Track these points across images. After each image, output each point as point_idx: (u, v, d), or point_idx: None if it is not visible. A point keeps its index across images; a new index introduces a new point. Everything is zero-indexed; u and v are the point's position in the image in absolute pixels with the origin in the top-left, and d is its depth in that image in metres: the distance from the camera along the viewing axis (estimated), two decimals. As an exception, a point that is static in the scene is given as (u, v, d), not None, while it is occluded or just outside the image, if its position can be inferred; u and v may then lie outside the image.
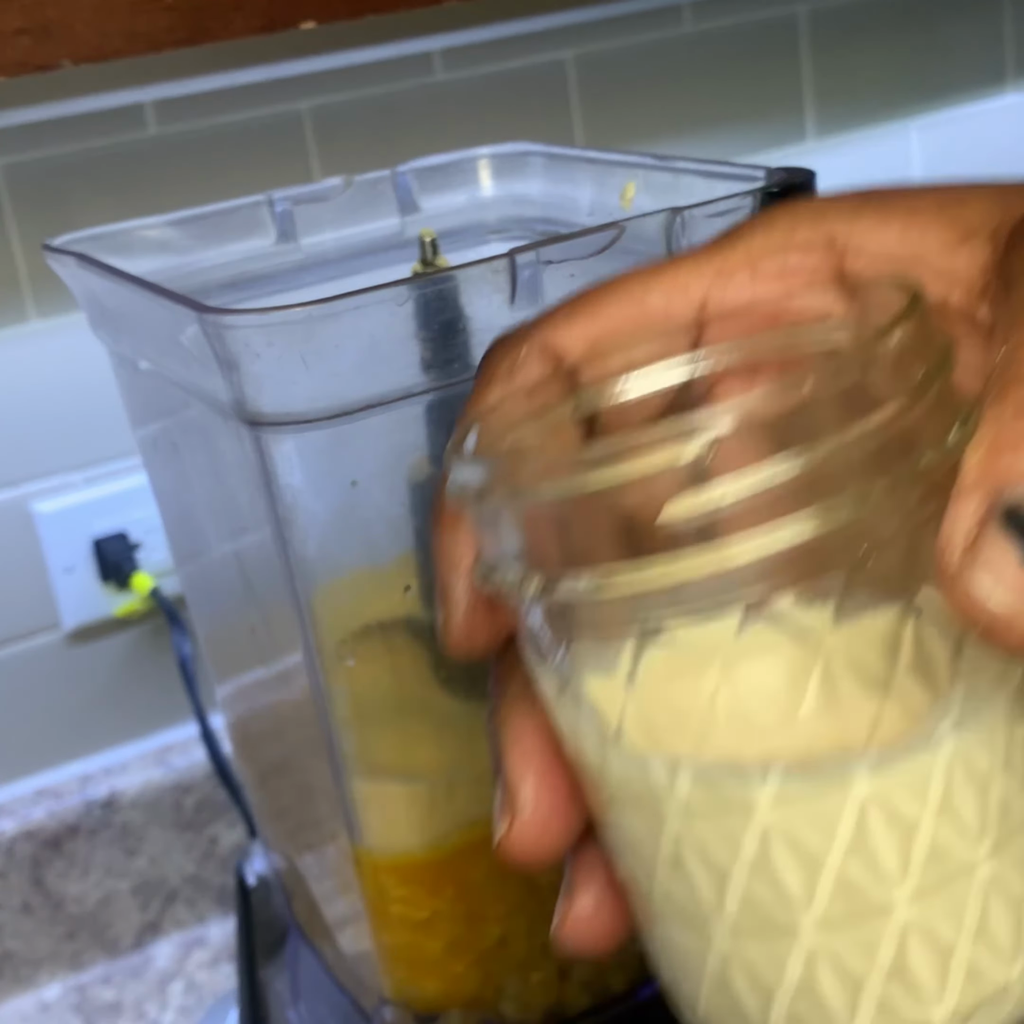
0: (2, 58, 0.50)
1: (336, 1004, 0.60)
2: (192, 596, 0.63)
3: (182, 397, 0.51)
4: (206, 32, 0.52)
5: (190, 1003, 0.93)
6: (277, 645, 0.53)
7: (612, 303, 0.36)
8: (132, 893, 0.97)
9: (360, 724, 0.50)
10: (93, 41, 0.51)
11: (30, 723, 0.96)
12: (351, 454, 0.46)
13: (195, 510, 0.56)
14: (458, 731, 0.51)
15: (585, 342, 0.35)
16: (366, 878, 0.53)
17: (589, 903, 0.37)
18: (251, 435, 0.46)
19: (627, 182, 0.58)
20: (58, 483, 0.93)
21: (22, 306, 0.90)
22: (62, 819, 0.94)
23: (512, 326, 0.36)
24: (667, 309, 0.35)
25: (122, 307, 0.52)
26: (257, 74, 0.76)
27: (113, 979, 0.96)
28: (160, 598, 0.93)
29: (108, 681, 0.98)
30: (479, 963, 0.54)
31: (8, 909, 0.94)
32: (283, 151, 0.94)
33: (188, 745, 0.99)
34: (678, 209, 0.48)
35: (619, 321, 0.36)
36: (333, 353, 0.44)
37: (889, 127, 1.14)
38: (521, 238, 0.64)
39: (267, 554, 0.49)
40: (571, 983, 0.56)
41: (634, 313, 0.36)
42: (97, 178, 0.89)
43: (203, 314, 0.43)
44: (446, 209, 0.63)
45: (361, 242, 0.62)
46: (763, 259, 0.36)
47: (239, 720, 0.62)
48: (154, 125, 0.90)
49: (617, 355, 0.35)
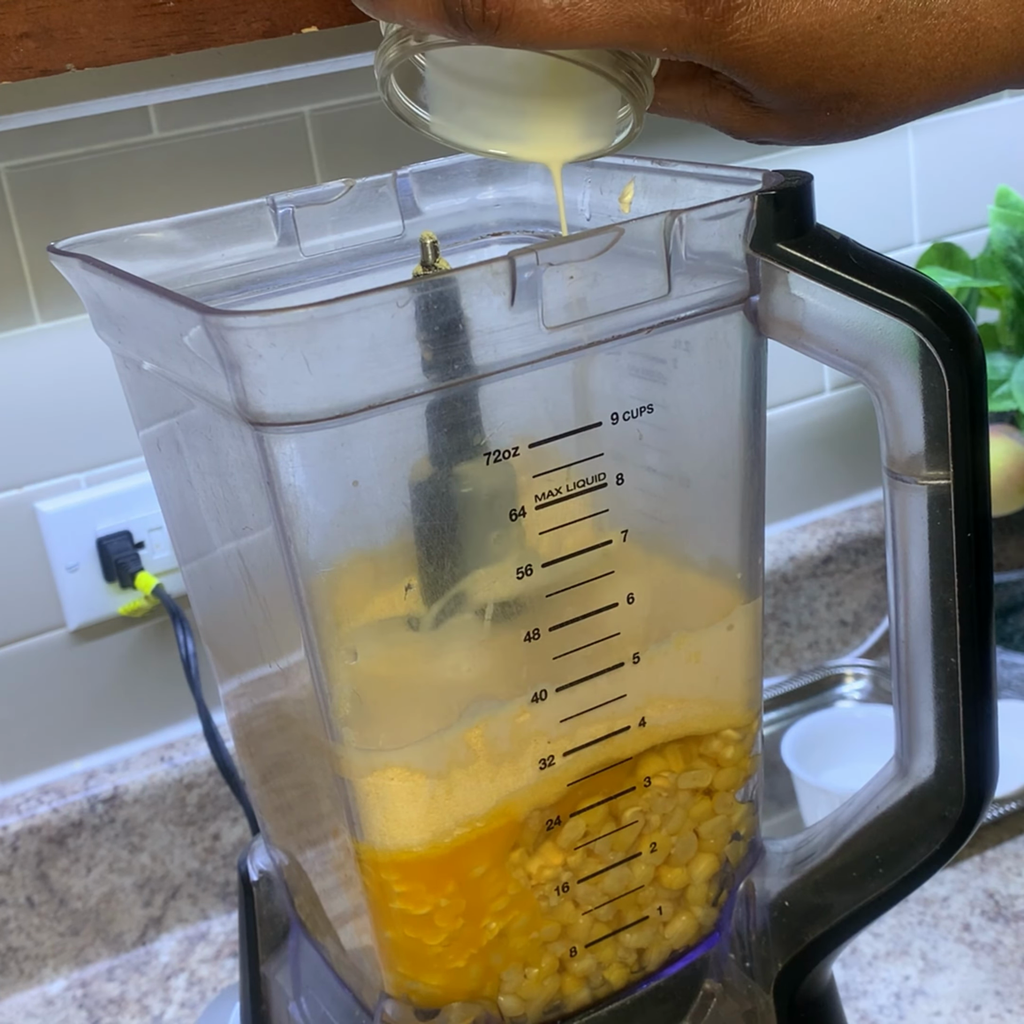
0: (6, 62, 0.50)
1: (337, 998, 0.61)
2: (195, 594, 0.63)
3: (185, 398, 0.52)
4: (208, 36, 0.52)
5: (193, 998, 0.93)
6: (279, 643, 0.54)
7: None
8: (135, 889, 0.98)
9: (361, 721, 0.51)
10: (97, 45, 0.51)
11: (34, 720, 0.97)
12: (352, 454, 0.47)
13: (198, 510, 0.56)
14: (459, 727, 0.52)
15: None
16: (367, 874, 0.53)
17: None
18: (253, 435, 0.46)
19: (626, 184, 0.58)
20: (62, 483, 0.94)
21: (27, 308, 0.90)
22: (66, 815, 0.95)
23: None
24: None
25: (126, 309, 0.52)
26: (259, 78, 0.76)
27: (116, 974, 0.96)
28: (163, 596, 0.94)
29: (111, 679, 0.98)
30: (479, 958, 0.55)
31: (12, 904, 0.94)
32: (285, 154, 0.94)
33: (191, 742, 0.99)
34: (676, 212, 0.48)
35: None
36: (335, 354, 0.44)
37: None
38: (521, 240, 0.64)
39: (269, 553, 0.49)
40: (570, 977, 0.57)
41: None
42: (101, 181, 0.90)
43: (206, 315, 0.44)
44: (447, 212, 0.64)
45: (362, 244, 0.62)
46: None
47: (241, 717, 0.63)
48: (157, 128, 0.91)
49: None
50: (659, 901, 0.58)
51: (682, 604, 0.56)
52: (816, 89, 0.45)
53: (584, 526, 0.52)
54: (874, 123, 0.46)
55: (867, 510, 1.21)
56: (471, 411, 0.48)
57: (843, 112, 0.46)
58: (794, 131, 0.48)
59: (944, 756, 0.54)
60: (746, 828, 0.59)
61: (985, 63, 0.45)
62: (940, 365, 0.49)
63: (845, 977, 0.87)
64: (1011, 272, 1.08)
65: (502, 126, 0.49)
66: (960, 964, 0.87)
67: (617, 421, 0.51)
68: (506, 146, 0.50)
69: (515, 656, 0.52)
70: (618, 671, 0.54)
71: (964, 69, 0.45)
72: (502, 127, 0.49)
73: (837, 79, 0.44)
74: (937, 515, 0.51)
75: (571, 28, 0.42)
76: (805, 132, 0.47)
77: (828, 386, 1.18)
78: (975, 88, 0.46)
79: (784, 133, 0.48)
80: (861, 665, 1.15)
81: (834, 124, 0.46)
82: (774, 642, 1.16)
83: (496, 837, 0.53)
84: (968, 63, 0.45)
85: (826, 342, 0.51)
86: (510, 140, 0.50)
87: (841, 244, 0.50)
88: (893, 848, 0.57)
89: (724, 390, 0.53)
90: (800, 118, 0.47)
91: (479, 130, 0.49)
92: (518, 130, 0.49)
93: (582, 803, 0.55)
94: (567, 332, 0.48)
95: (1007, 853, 0.95)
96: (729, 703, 0.57)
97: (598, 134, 0.50)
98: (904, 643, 0.54)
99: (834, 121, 0.46)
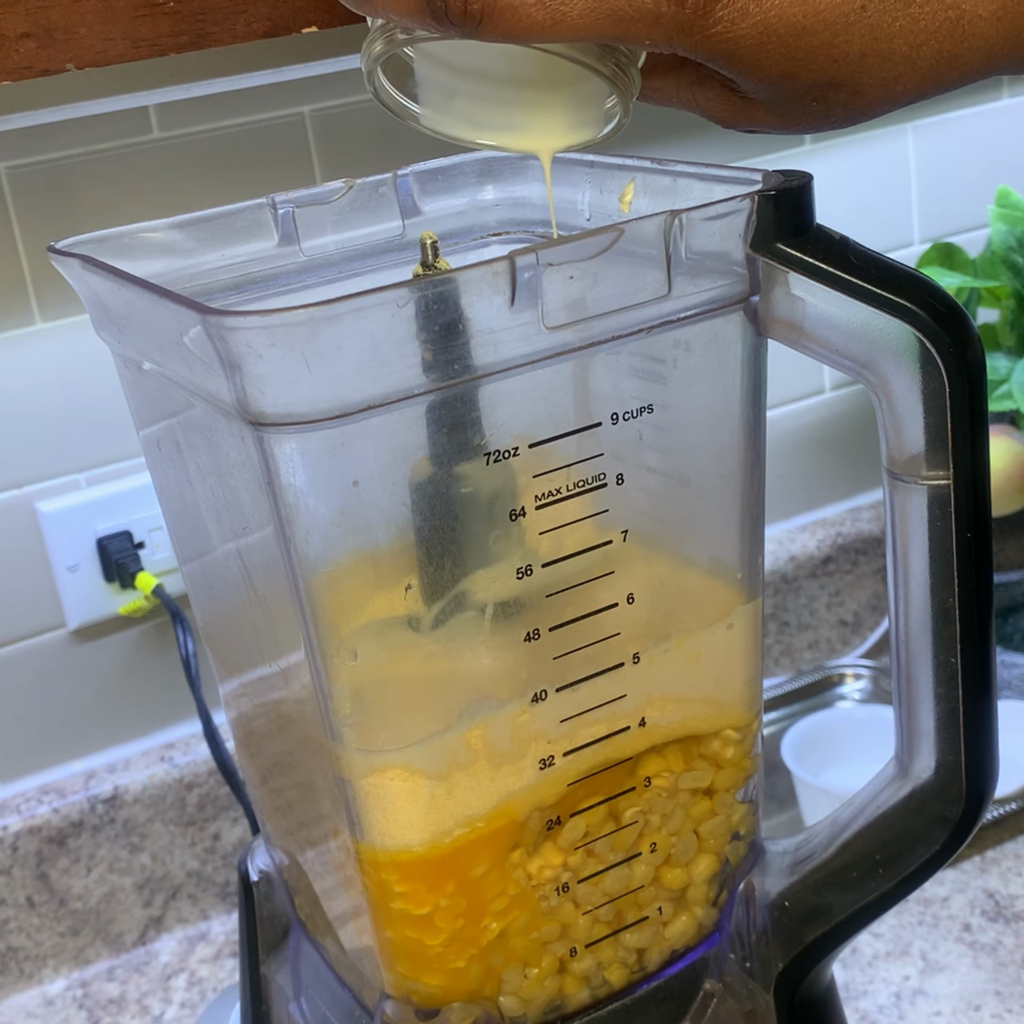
0: (6, 62, 0.50)
1: (337, 999, 0.61)
2: (195, 595, 0.63)
3: (185, 398, 0.52)
4: (208, 36, 0.52)
5: (193, 998, 0.93)
6: (279, 643, 0.54)
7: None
8: (135, 889, 0.98)
9: (361, 721, 0.51)
10: (97, 45, 0.51)
11: (34, 720, 0.97)
12: (353, 454, 0.47)
13: (198, 510, 0.56)
14: (459, 728, 0.52)
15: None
16: (367, 874, 0.53)
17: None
18: (254, 435, 0.46)
19: (626, 184, 0.58)
20: (62, 483, 0.94)
21: (27, 308, 0.90)
22: (66, 815, 0.95)
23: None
24: None
25: (126, 309, 0.52)
26: (259, 78, 0.76)
27: (116, 974, 0.96)
28: (163, 596, 0.94)
29: (112, 679, 0.98)
30: (479, 958, 0.55)
31: (13, 905, 0.94)
32: (285, 154, 0.94)
33: (191, 742, 0.99)
34: (676, 212, 0.48)
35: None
36: (335, 354, 0.44)
37: (886, 129, 1.14)
38: (521, 241, 0.64)
39: (269, 553, 0.49)
40: (570, 978, 0.57)
41: None
42: (101, 181, 0.90)
43: (206, 316, 0.44)
44: (447, 212, 0.64)
45: (362, 245, 0.62)
46: None
47: (241, 717, 0.63)
48: (157, 128, 0.91)
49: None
50: (659, 901, 0.58)
51: (682, 604, 0.56)
52: (801, 79, 0.45)
53: (584, 526, 0.52)
54: (861, 112, 0.46)
55: (867, 510, 1.21)
56: (471, 411, 0.48)
57: (829, 102, 0.46)
58: (782, 121, 0.48)
59: (944, 756, 0.54)
60: (746, 828, 0.59)
61: (971, 51, 0.45)
62: (940, 365, 0.49)
63: (845, 977, 0.87)
64: (1011, 272, 1.08)
65: (492, 116, 0.49)
66: (960, 964, 0.87)
67: (617, 421, 0.51)
68: (496, 136, 0.50)
69: (515, 656, 0.52)
70: (618, 671, 0.54)
71: (950, 57, 0.45)
72: (492, 117, 0.49)
73: (822, 69, 0.45)
74: (937, 515, 0.51)
75: (553, 23, 0.43)
76: (793, 122, 0.48)
77: (828, 386, 1.18)
78: (962, 76, 0.46)
79: (772, 123, 0.48)
80: (861, 665, 1.15)
81: (821, 113, 0.47)
82: (774, 642, 1.16)
83: (496, 837, 0.53)
84: (954, 51, 0.45)
85: (826, 342, 0.51)
86: (500, 130, 0.50)
87: (841, 244, 0.50)
88: (893, 848, 0.57)
89: (724, 390, 0.53)
90: (787, 108, 0.47)
91: (469, 121, 0.50)
92: (508, 120, 0.49)
93: (582, 803, 0.55)
94: (567, 332, 0.48)
95: (1007, 853, 0.95)
96: (729, 703, 0.57)
97: (587, 123, 0.50)
98: (904, 643, 0.54)
99: (821, 111, 0.46)
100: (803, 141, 1.12)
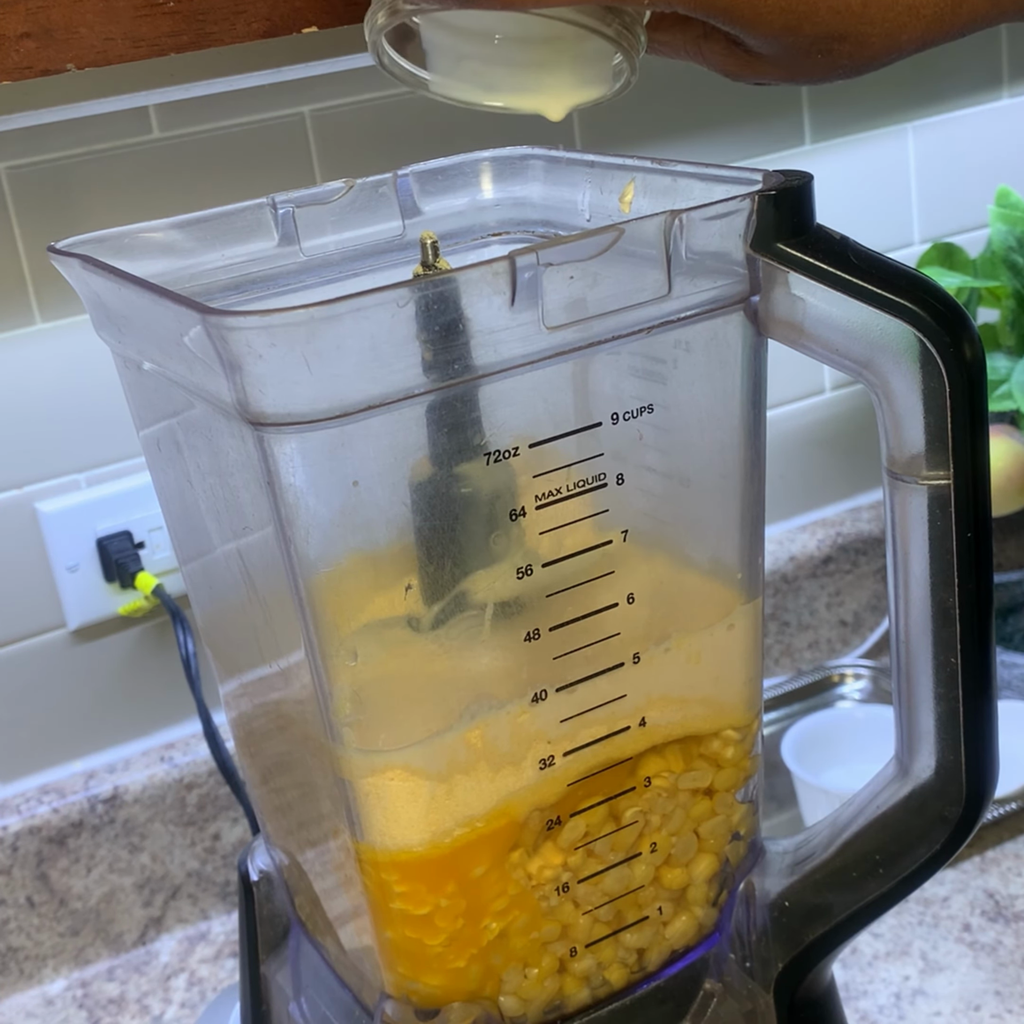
0: (6, 62, 0.50)
1: (337, 999, 0.61)
2: (195, 595, 0.63)
3: (185, 398, 0.52)
4: (208, 36, 0.53)
5: (193, 998, 0.93)
6: (279, 643, 0.54)
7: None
8: (135, 889, 0.98)
9: (361, 722, 0.51)
10: (97, 45, 0.51)
11: (34, 720, 0.97)
12: (353, 454, 0.47)
13: (198, 510, 0.56)
14: (459, 728, 0.52)
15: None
16: (367, 874, 0.53)
17: None
18: (254, 435, 0.46)
19: (626, 184, 0.58)
20: (62, 483, 0.94)
21: (27, 308, 0.90)
22: (66, 815, 0.95)
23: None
24: None
25: (126, 309, 0.52)
26: (259, 78, 0.77)
27: (116, 974, 0.96)
28: (163, 597, 0.94)
29: (112, 679, 0.98)
30: (479, 958, 0.55)
31: (12, 904, 0.94)
32: (285, 154, 0.94)
33: (191, 742, 0.99)
34: (676, 212, 0.48)
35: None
36: (335, 354, 0.44)
37: (886, 129, 1.14)
38: (521, 240, 0.64)
39: (269, 553, 0.49)
40: (570, 978, 0.57)
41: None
42: (101, 181, 0.90)
43: (206, 316, 0.44)
44: (447, 212, 0.64)
45: (363, 245, 0.62)
46: None
47: (241, 717, 0.63)
48: (157, 128, 0.91)
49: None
50: (659, 901, 0.58)
51: (682, 604, 0.56)
52: (805, 33, 0.45)
53: (584, 526, 0.52)
54: (867, 63, 0.46)
55: (867, 510, 1.21)
56: (471, 411, 0.48)
57: (835, 54, 0.46)
58: (788, 73, 0.48)
59: (944, 756, 0.54)
60: (746, 828, 0.59)
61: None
62: (940, 365, 0.49)
63: (845, 977, 0.87)
64: (1011, 272, 1.08)
65: (501, 78, 0.50)
66: (960, 964, 0.87)
67: (617, 421, 0.51)
68: (506, 98, 0.50)
69: (515, 656, 0.52)
70: (618, 671, 0.54)
71: (954, 4, 0.45)
72: (501, 79, 0.50)
73: (824, 21, 0.44)
74: (937, 515, 0.51)
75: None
76: (799, 74, 0.47)
77: (828, 386, 1.18)
78: (967, 23, 0.45)
79: (778, 75, 0.48)
80: (861, 665, 1.15)
81: (827, 66, 0.46)
82: (774, 642, 1.16)
83: (496, 837, 0.53)
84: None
85: (826, 342, 0.51)
86: (510, 91, 0.50)
87: (841, 244, 0.50)
88: (893, 848, 0.57)
89: (724, 390, 0.53)
90: (792, 61, 0.47)
91: (478, 83, 0.50)
92: (517, 80, 0.49)
93: (582, 803, 0.55)
94: (567, 332, 0.48)
95: (1007, 853, 0.95)
96: (729, 703, 0.57)
97: (596, 80, 0.51)
98: (904, 643, 0.54)
99: (827, 63, 0.46)
100: (803, 141, 1.12)
